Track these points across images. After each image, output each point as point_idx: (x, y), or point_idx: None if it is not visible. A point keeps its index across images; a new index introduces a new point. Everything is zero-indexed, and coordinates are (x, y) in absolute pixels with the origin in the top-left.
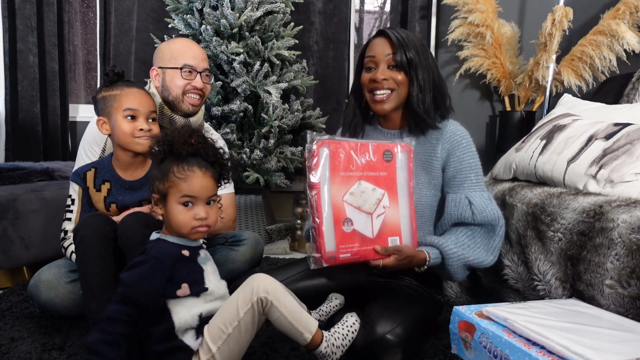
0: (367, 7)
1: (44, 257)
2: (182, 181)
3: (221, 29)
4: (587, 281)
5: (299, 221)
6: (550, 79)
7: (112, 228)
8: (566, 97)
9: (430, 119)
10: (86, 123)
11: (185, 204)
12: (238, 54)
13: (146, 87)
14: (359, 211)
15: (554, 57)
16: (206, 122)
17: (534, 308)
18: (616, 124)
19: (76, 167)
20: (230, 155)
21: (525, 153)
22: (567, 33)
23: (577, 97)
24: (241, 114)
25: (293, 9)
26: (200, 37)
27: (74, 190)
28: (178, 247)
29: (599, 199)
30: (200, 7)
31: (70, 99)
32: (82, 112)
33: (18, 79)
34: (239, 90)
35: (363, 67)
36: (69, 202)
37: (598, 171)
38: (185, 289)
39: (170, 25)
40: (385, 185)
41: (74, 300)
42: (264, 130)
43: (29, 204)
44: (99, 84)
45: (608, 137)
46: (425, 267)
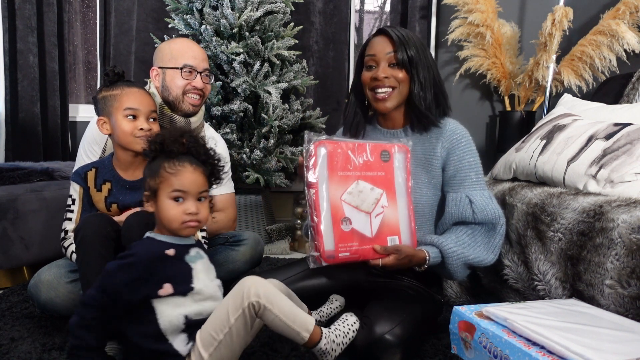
0: (367, 7)
1: (44, 257)
2: (172, 176)
3: (221, 29)
4: (587, 281)
5: (299, 221)
6: (550, 79)
7: (113, 228)
8: (566, 97)
9: (432, 115)
10: (86, 123)
11: (176, 199)
12: (238, 54)
13: (146, 87)
14: (358, 210)
15: (554, 57)
16: (206, 122)
17: (534, 308)
18: (616, 124)
19: (76, 167)
20: (231, 155)
21: (525, 153)
22: (567, 33)
23: (577, 97)
24: (241, 114)
25: (293, 9)
26: (200, 37)
27: (75, 190)
28: (162, 245)
29: (599, 199)
30: (200, 7)
31: (70, 99)
32: (82, 112)
33: (18, 79)
34: (239, 90)
35: (363, 65)
36: (69, 202)
37: (598, 171)
38: (167, 288)
39: (170, 25)
40: (383, 185)
41: (74, 300)
42: (264, 130)
43: (29, 204)
44: (99, 84)
45: (608, 137)
46: (426, 267)
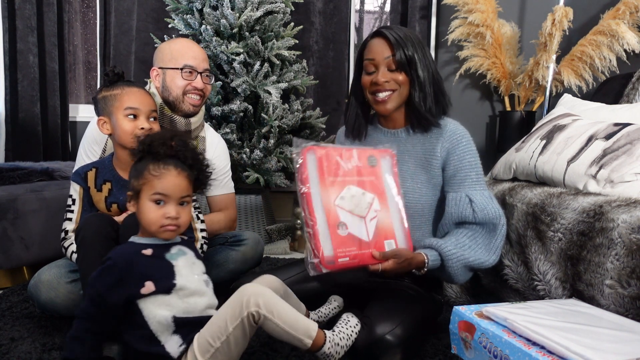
0: (367, 7)
1: (44, 257)
2: (155, 178)
3: (221, 29)
4: (587, 281)
5: (299, 221)
6: (550, 79)
7: (113, 228)
8: (566, 97)
9: (433, 116)
10: (86, 123)
11: (157, 202)
12: (238, 54)
13: (146, 88)
14: (352, 215)
15: (554, 57)
16: (206, 122)
17: (534, 308)
18: (616, 124)
19: (76, 167)
20: (231, 155)
21: (525, 153)
22: (567, 33)
23: (577, 97)
24: (241, 114)
25: (293, 9)
26: (200, 37)
27: (75, 190)
28: (139, 246)
29: (599, 199)
30: (200, 7)
31: (70, 99)
32: (82, 112)
33: (18, 79)
34: (239, 90)
35: (362, 67)
36: (69, 202)
37: (598, 171)
38: (149, 286)
39: (170, 25)
40: (374, 189)
41: (74, 300)
42: (264, 130)
43: (29, 204)
44: (99, 84)
45: (608, 137)
46: (425, 270)
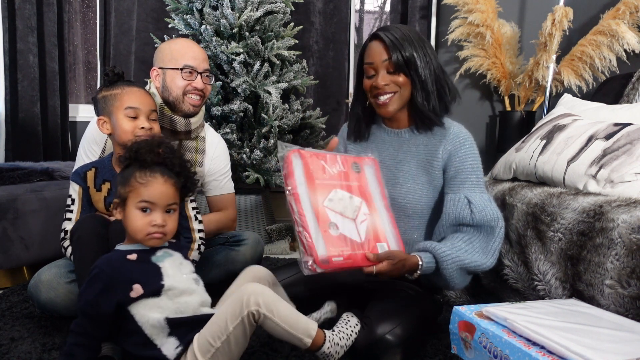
0: (367, 7)
1: (44, 257)
2: (142, 186)
3: (221, 29)
4: (587, 281)
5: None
6: (550, 79)
7: (107, 229)
8: (566, 97)
9: (437, 114)
10: (86, 123)
11: (143, 210)
12: (238, 54)
13: (146, 88)
14: (342, 216)
15: (554, 57)
16: (206, 122)
17: (534, 308)
18: (616, 124)
19: (76, 167)
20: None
21: (525, 153)
22: (567, 33)
23: (577, 97)
24: (241, 114)
25: (293, 9)
26: (200, 37)
27: (74, 190)
28: (124, 253)
29: (599, 199)
30: (200, 7)
31: (70, 99)
32: (82, 112)
33: (18, 79)
34: (239, 90)
35: (363, 71)
36: (69, 202)
37: (598, 171)
38: (137, 289)
39: (170, 25)
40: (361, 194)
41: (74, 300)
42: (264, 130)
43: (29, 204)
44: (99, 84)
45: (608, 137)
46: (419, 273)
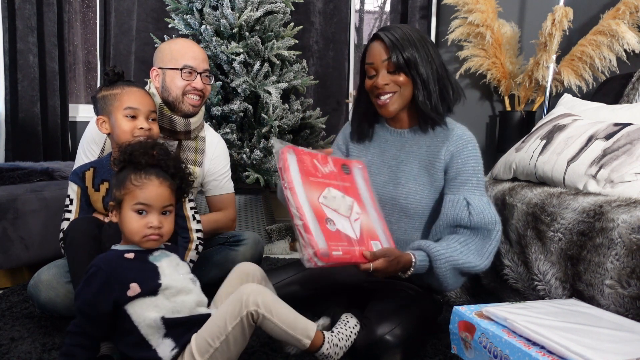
0: (367, 7)
1: (44, 257)
2: (137, 188)
3: (221, 29)
4: (587, 281)
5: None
6: (550, 79)
7: (100, 230)
8: (566, 97)
9: (439, 114)
10: (86, 123)
11: (139, 212)
12: (238, 54)
13: (146, 88)
14: (337, 213)
15: (554, 57)
16: (206, 122)
17: (534, 308)
18: (616, 124)
19: (75, 166)
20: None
21: (525, 153)
22: (567, 33)
23: (577, 97)
24: (241, 114)
25: (293, 9)
26: (200, 37)
27: (73, 190)
28: (122, 252)
29: (599, 199)
30: (200, 7)
31: (70, 99)
32: (82, 112)
33: (18, 79)
34: (239, 90)
35: (366, 72)
36: (67, 202)
37: (598, 171)
38: (134, 288)
39: (170, 25)
40: (352, 194)
41: (73, 300)
42: (264, 130)
43: (29, 204)
44: (99, 84)
45: (608, 137)
46: (412, 271)
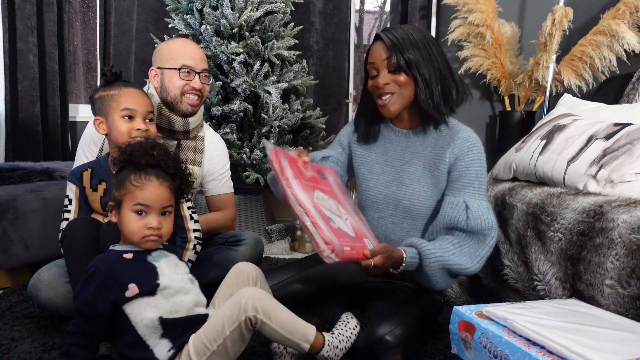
0: (367, 7)
1: (44, 257)
2: (137, 189)
3: (221, 29)
4: (587, 281)
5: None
6: (550, 79)
7: (98, 231)
8: (566, 97)
9: (441, 114)
10: (86, 123)
11: (138, 212)
12: (238, 54)
13: (145, 88)
14: (332, 213)
15: (554, 57)
16: (206, 122)
17: (534, 308)
18: (616, 124)
19: (74, 167)
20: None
21: (525, 153)
22: (567, 33)
23: (577, 97)
24: (241, 114)
25: (293, 9)
26: (200, 37)
27: (71, 190)
28: (120, 252)
29: (599, 199)
30: (200, 7)
31: (70, 99)
32: (82, 112)
33: (18, 79)
34: (239, 90)
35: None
36: (66, 202)
37: (598, 171)
38: (133, 288)
39: (170, 25)
40: (333, 198)
41: (72, 300)
42: (264, 130)
43: (29, 204)
44: (99, 84)
45: (608, 137)
46: (403, 266)
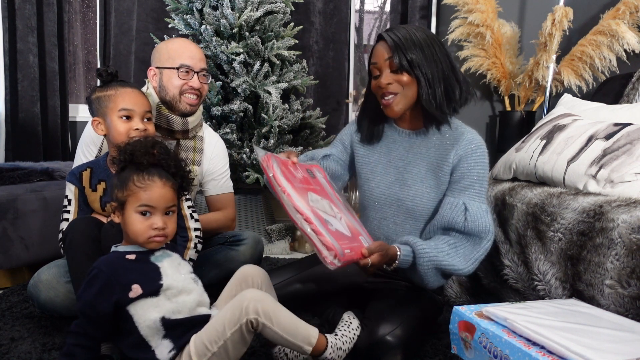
0: (367, 7)
1: (44, 257)
2: (141, 190)
3: (221, 29)
4: (587, 281)
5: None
6: (550, 79)
7: (99, 230)
8: (566, 97)
9: (443, 114)
10: (86, 123)
11: (143, 213)
12: (238, 54)
13: (144, 87)
14: (327, 215)
15: (554, 57)
16: (206, 122)
17: (534, 308)
18: (616, 124)
19: (74, 167)
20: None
21: (525, 153)
22: (567, 33)
23: (577, 97)
24: (241, 114)
25: (293, 9)
26: (200, 37)
27: (70, 190)
28: (123, 253)
29: (599, 199)
30: (200, 7)
31: (70, 99)
32: (82, 112)
33: (18, 79)
34: (239, 90)
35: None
36: (65, 202)
37: (598, 171)
38: (136, 289)
39: (170, 25)
40: (325, 196)
41: (73, 299)
42: (264, 130)
43: (29, 204)
44: (99, 84)
45: (608, 137)
46: (396, 263)
